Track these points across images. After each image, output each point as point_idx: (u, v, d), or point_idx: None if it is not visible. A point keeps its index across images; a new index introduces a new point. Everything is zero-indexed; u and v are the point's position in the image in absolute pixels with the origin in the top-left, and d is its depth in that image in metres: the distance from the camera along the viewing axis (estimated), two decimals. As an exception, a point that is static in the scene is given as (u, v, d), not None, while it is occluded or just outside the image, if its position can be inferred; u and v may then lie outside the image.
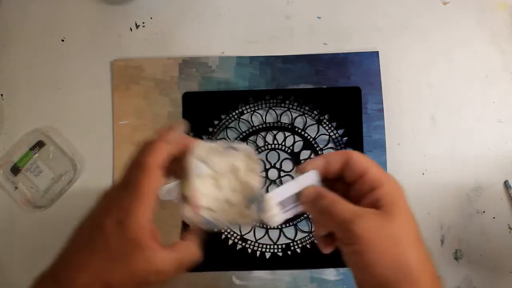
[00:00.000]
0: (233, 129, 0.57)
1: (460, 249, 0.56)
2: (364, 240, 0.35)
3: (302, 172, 0.40)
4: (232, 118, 0.57)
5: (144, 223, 0.39)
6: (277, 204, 0.40)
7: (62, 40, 0.58)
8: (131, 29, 0.59)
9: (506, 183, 0.57)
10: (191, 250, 0.42)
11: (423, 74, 0.58)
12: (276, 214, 0.40)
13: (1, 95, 0.58)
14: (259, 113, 0.57)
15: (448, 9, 0.60)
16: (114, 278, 0.40)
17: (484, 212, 0.56)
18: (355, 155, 0.39)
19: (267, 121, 0.57)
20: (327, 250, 0.41)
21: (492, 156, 0.57)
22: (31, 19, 0.59)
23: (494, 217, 0.56)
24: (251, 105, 0.57)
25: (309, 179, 0.40)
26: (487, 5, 0.60)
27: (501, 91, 0.58)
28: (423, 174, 0.57)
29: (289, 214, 0.40)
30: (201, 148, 0.41)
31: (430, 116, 0.58)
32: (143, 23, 0.59)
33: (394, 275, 0.35)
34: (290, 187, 0.40)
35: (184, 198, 0.41)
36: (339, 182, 0.41)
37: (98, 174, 0.56)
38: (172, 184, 0.55)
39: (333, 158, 0.40)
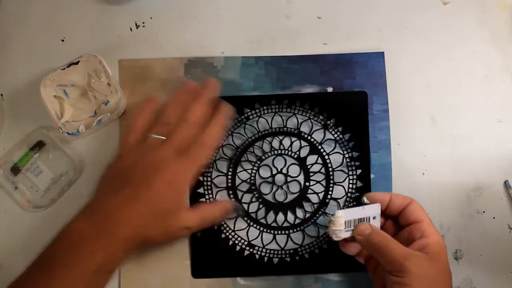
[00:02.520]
0: (239, 134, 0.57)
1: (460, 249, 0.56)
2: (413, 275, 0.42)
3: (370, 200, 0.49)
4: (238, 124, 0.57)
5: (187, 188, 0.50)
6: (344, 223, 0.48)
7: (62, 40, 0.59)
8: (131, 29, 0.59)
9: (506, 183, 0.57)
10: (211, 210, 0.53)
11: (422, 74, 0.58)
12: (341, 231, 0.48)
13: (1, 95, 0.58)
14: (265, 118, 0.57)
15: (448, 9, 0.60)
16: (151, 231, 0.48)
17: (484, 212, 0.56)
18: (415, 203, 0.49)
19: (273, 126, 0.57)
20: (349, 251, 0.51)
21: (492, 156, 0.57)
22: (31, 19, 0.59)
23: (494, 217, 0.56)
24: (257, 110, 0.57)
25: (373, 210, 0.49)
26: (487, 5, 0.60)
27: (501, 91, 0.58)
28: (423, 174, 0.57)
29: (348, 234, 0.48)
30: (50, 78, 0.54)
31: (430, 116, 0.58)
32: (143, 23, 0.59)
33: None
34: (356, 212, 0.48)
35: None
36: (390, 220, 0.51)
37: (98, 174, 0.56)
38: None
39: (397, 199, 0.49)
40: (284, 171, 0.56)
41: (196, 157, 0.50)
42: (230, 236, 0.56)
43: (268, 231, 0.56)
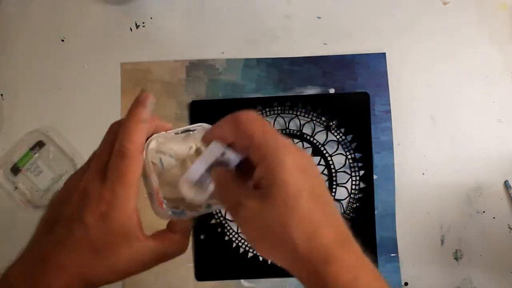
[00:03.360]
0: None
1: (460, 249, 0.56)
2: (251, 235, 0.33)
3: (206, 144, 0.38)
4: None
5: (131, 214, 0.38)
6: (192, 185, 0.37)
7: (62, 40, 0.58)
8: (131, 29, 0.59)
9: (506, 183, 0.57)
10: (177, 242, 0.41)
11: (422, 74, 0.58)
12: (195, 195, 0.38)
13: (1, 95, 0.58)
14: (267, 120, 0.57)
15: (448, 9, 0.60)
16: (96, 272, 0.38)
17: (484, 212, 0.56)
18: (242, 116, 0.34)
19: (275, 128, 0.57)
20: None
21: (492, 156, 0.57)
22: (31, 19, 0.58)
23: (494, 217, 0.56)
24: (259, 112, 0.57)
25: (213, 152, 0.37)
26: (487, 5, 0.60)
27: (501, 91, 0.58)
28: (423, 174, 0.57)
29: (211, 189, 0.37)
30: (157, 139, 0.40)
31: (430, 116, 0.58)
32: (143, 23, 0.59)
33: (289, 261, 0.33)
34: (199, 165, 0.37)
35: (149, 195, 0.40)
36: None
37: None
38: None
39: (224, 125, 0.36)
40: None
41: (121, 173, 0.37)
42: (233, 239, 0.56)
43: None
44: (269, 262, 0.55)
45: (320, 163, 0.56)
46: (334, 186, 0.56)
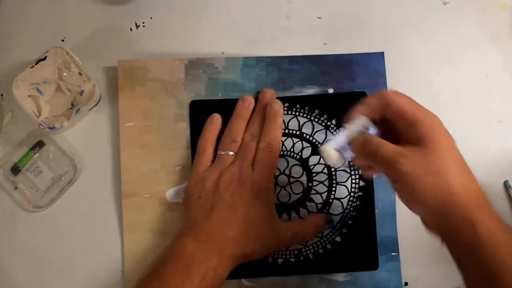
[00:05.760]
0: None
1: (460, 249, 0.56)
2: (410, 176, 0.38)
3: (350, 118, 0.43)
4: None
5: (272, 195, 0.52)
6: (335, 151, 0.44)
7: (62, 40, 0.58)
8: (131, 29, 0.59)
9: (506, 183, 0.57)
10: (304, 225, 0.53)
11: (422, 74, 0.58)
12: (337, 159, 0.44)
13: (1, 95, 0.58)
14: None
15: (448, 9, 0.60)
16: (251, 246, 0.49)
17: (484, 212, 0.56)
18: (390, 95, 0.41)
19: None
20: (368, 176, 0.48)
21: (492, 156, 0.57)
22: (31, 19, 0.59)
23: (494, 217, 0.56)
24: None
25: (359, 125, 0.43)
26: (487, 5, 0.60)
27: (501, 91, 0.58)
28: (423, 174, 0.57)
29: (349, 155, 0.44)
30: (19, 78, 0.54)
31: (430, 116, 0.58)
32: (143, 23, 0.59)
33: (443, 203, 0.38)
34: (343, 136, 0.44)
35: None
36: (386, 123, 0.43)
37: (98, 175, 0.56)
38: (179, 186, 0.55)
39: (372, 102, 0.42)
40: (287, 172, 0.56)
41: (268, 164, 0.52)
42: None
43: None
44: (269, 261, 0.55)
45: (320, 162, 0.56)
46: (334, 185, 0.56)
